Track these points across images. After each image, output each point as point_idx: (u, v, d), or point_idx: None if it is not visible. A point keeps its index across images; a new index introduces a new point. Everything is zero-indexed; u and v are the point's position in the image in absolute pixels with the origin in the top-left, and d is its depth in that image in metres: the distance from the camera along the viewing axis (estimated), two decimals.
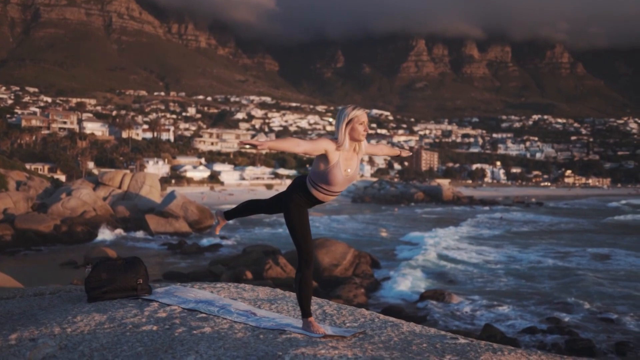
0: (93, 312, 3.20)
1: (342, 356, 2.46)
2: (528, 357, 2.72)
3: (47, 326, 2.91)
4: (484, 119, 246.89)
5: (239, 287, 4.11)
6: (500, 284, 21.86)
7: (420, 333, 3.15)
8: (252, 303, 3.71)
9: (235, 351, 2.59)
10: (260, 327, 3.09)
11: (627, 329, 16.17)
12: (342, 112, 3.15)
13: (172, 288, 3.90)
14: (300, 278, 3.18)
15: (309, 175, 3.20)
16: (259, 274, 21.18)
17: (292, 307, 3.69)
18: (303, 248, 3.17)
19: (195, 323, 3.05)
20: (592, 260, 27.19)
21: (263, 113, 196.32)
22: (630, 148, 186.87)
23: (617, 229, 44.85)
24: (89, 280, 3.54)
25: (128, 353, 2.60)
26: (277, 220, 46.56)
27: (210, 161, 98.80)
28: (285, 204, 3.23)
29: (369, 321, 3.41)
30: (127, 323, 3.02)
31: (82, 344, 2.71)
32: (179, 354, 2.58)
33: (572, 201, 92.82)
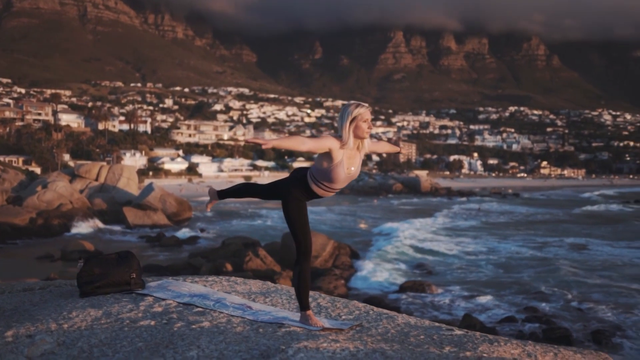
0: (88, 307, 3.17)
1: (344, 349, 2.48)
2: (524, 348, 2.75)
3: (42, 322, 2.89)
4: (462, 110, 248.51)
5: (230, 280, 4.09)
6: (478, 274, 22.08)
7: (416, 325, 3.17)
8: (246, 296, 3.69)
9: (237, 345, 2.59)
10: (258, 320, 3.08)
11: (603, 317, 16.42)
12: (345, 110, 3.12)
13: (165, 282, 3.87)
14: (299, 271, 3.18)
15: (311, 171, 3.17)
16: (239, 266, 21.13)
17: (287, 300, 3.68)
18: (302, 241, 3.17)
19: (193, 317, 3.04)
20: (570, 251, 27.57)
21: (241, 104, 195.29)
22: (605, 139, 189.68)
23: (591, 219, 45.50)
24: (82, 275, 3.49)
25: (128, 349, 2.58)
26: (255, 213, 46.48)
27: (188, 153, 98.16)
28: (284, 197, 3.22)
29: (364, 313, 3.41)
30: (124, 318, 3.00)
31: (81, 339, 2.69)
32: (181, 349, 2.57)
33: (547, 192, 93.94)
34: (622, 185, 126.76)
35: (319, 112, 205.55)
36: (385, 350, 2.49)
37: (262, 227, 37.35)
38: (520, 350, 2.72)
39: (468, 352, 2.57)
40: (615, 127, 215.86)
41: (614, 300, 17.80)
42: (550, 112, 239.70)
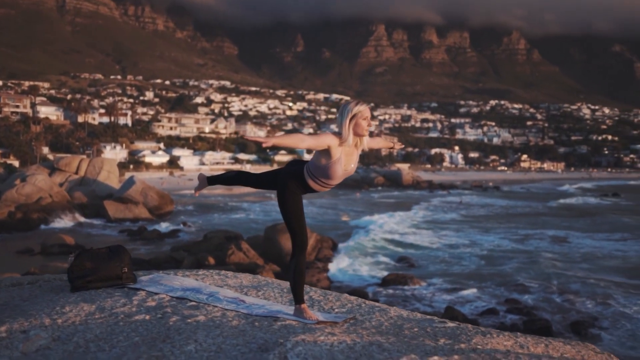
0: (81, 302, 3.16)
1: (341, 342, 2.49)
2: (515, 339, 2.79)
3: (36, 317, 2.87)
4: (443, 104, 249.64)
5: (221, 274, 4.08)
6: (460, 267, 22.25)
7: (408, 317, 3.18)
8: (238, 290, 3.69)
9: (235, 339, 2.59)
10: (252, 314, 3.08)
11: (582, 309, 16.63)
12: (345, 107, 3.10)
13: (156, 276, 3.85)
14: (295, 265, 3.18)
15: (308, 166, 3.17)
16: (221, 259, 21.08)
17: (279, 294, 3.68)
18: (298, 235, 3.17)
19: (188, 312, 3.03)
20: (551, 243, 27.88)
21: (222, 97, 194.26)
22: (584, 133, 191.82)
23: (571, 212, 46.02)
24: (72, 270, 3.46)
25: (125, 343, 2.57)
26: (237, 206, 46.38)
27: (169, 146, 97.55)
28: (280, 190, 3.21)
29: (357, 306, 3.42)
30: (118, 313, 2.99)
31: (76, 334, 2.68)
32: (178, 343, 2.56)
33: (527, 185, 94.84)
34: (600, 178, 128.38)
35: (301, 105, 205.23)
36: (382, 343, 2.51)
37: (244, 220, 37.27)
38: (513, 341, 2.75)
39: (462, 344, 2.59)
40: (594, 121, 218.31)
41: (593, 292, 18.05)
42: (531, 106, 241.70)
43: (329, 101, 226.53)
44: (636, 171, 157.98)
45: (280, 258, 21.58)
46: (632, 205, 54.95)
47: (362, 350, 2.41)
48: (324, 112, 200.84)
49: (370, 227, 31.86)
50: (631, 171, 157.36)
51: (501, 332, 2.85)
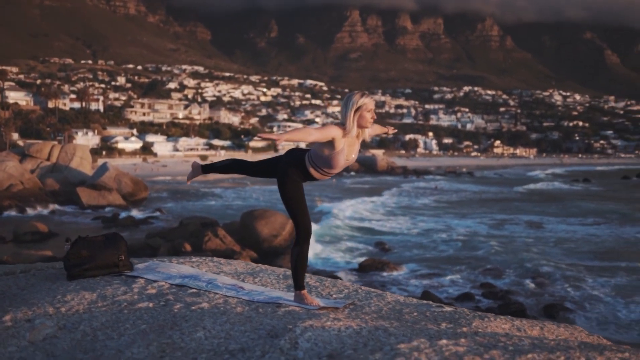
0: (81, 290, 3.13)
1: (348, 327, 2.51)
2: (512, 322, 2.84)
3: (39, 306, 2.85)
4: (417, 90, 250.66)
5: (214, 260, 4.07)
6: (436, 252, 22.45)
7: (405, 302, 3.22)
8: (235, 277, 3.69)
9: (242, 326, 2.59)
10: (254, 300, 3.09)
11: (555, 292, 16.90)
12: (349, 99, 3.11)
13: (152, 264, 3.83)
14: (298, 252, 3.20)
15: (310, 155, 3.18)
16: (198, 246, 20.98)
17: (276, 280, 3.68)
18: (301, 222, 3.19)
19: (190, 299, 3.03)
20: (526, 228, 28.26)
21: (196, 83, 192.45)
22: (555, 119, 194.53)
23: (543, 197, 46.67)
24: (69, 258, 3.42)
25: (132, 331, 2.56)
26: (210, 192, 46.14)
27: (143, 132, 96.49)
28: (281, 178, 3.22)
29: (353, 292, 3.45)
30: (120, 301, 2.98)
31: (82, 323, 2.66)
32: (187, 330, 2.56)
33: (500, 170, 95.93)
34: (571, 164, 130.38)
35: (275, 91, 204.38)
36: (387, 328, 2.53)
37: (218, 206, 37.11)
38: (510, 325, 2.81)
39: (464, 328, 2.64)
40: (565, 108, 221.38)
41: (565, 275, 18.34)
42: (503, 92, 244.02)
43: (303, 87, 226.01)
44: (606, 157, 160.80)
45: (257, 244, 21.56)
46: (603, 190, 55.92)
47: (369, 335, 2.44)
48: (298, 98, 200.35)
49: (344, 212, 31.94)
50: (601, 157, 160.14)
51: (498, 316, 2.91)
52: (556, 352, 2.09)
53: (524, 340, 2.30)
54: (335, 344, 2.32)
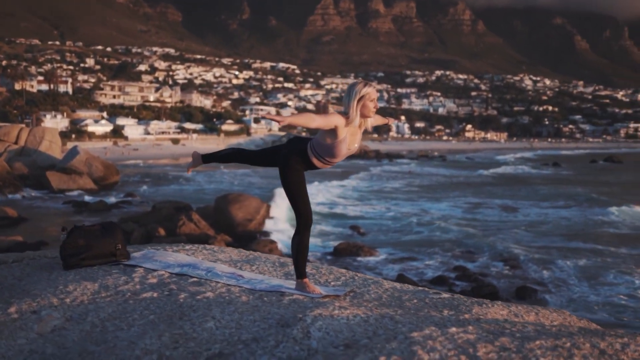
0: (82, 280, 3.11)
1: (355, 315, 2.53)
2: (509, 309, 2.90)
3: (42, 297, 2.82)
4: (389, 73, 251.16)
5: (207, 248, 4.05)
6: (410, 235, 22.62)
7: (402, 289, 3.25)
8: (232, 265, 3.67)
9: (251, 315, 2.60)
10: (256, 289, 3.10)
11: (526, 275, 17.16)
12: (352, 88, 3.12)
13: (148, 252, 3.80)
14: (299, 240, 3.23)
15: (312, 145, 3.19)
16: (172, 230, 20.82)
17: (272, 268, 3.69)
18: (302, 211, 3.21)
19: (193, 288, 3.02)
20: (500, 211, 28.63)
21: (167, 65, 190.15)
22: (525, 104, 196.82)
23: (514, 181, 47.29)
24: (65, 247, 3.37)
25: (141, 322, 2.55)
26: (181, 176, 45.75)
27: (113, 115, 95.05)
28: (283, 167, 3.23)
29: (350, 279, 3.47)
30: (124, 291, 2.96)
31: (89, 314, 2.65)
32: (197, 320, 2.56)
33: (472, 154, 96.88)
34: (541, 148, 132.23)
35: (247, 74, 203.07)
36: (393, 315, 2.56)
37: (191, 190, 36.85)
38: (507, 311, 2.86)
39: (466, 315, 2.68)
40: (535, 92, 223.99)
41: (537, 258, 18.62)
42: (475, 77, 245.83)
43: (276, 70, 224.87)
44: (574, 141, 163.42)
45: (231, 228, 21.48)
46: (572, 174, 56.88)
47: (377, 323, 2.46)
48: (270, 81, 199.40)
49: (316, 196, 31.96)
50: (569, 141, 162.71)
51: (494, 302, 2.96)
52: (561, 339, 2.14)
53: (527, 326, 2.34)
54: (347, 333, 2.35)
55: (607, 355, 2.05)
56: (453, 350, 2.01)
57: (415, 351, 1.99)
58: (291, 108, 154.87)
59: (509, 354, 1.99)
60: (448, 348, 2.03)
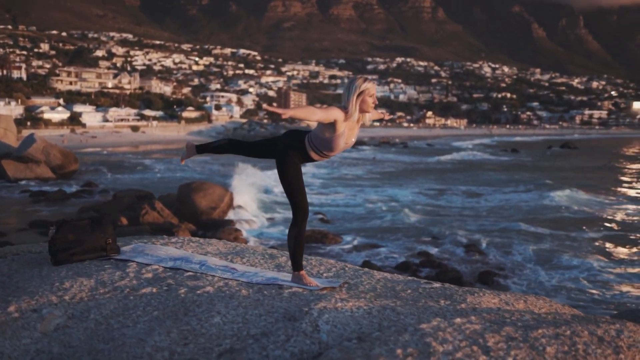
0: (77, 276, 3.05)
1: (358, 308, 2.56)
2: (500, 297, 2.95)
3: (40, 295, 2.76)
4: (350, 60, 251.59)
5: (193, 240, 4.02)
6: (374, 222, 22.75)
7: (393, 279, 3.29)
8: (222, 257, 3.65)
9: (255, 309, 2.60)
10: (252, 282, 3.11)
11: (487, 259, 17.44)
12: (352, 83, 3.17)
13: (138, 246, 3.75)
14: (296, 233, 3.26)
15: (310, 138, 3.22)
16: (134, 219, 20.48)
17: (263, 260, 3.67)
18: (299, 203, 3.23)
19: (192, 283, 3.01)
20: (464, 197, 29.02)
21: (125, 51, 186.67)
22: (484, 91, 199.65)
23: (475, 167, 47.99)
24: (55, 242, 3.30)
25: (145, 318, 2.53)
26: (141, 163, 45.16)
27: (70, 102, 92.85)
28: (281, 160, 3.26)
29: (341, 270, 3.49)
30: (121, 287, 2.92)
31: (91, 311, 2.61)
32: (203, 315, 2.54)
33: (433, 141, 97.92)
34: (499, 134, 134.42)
35: (207, 60, 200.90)
36: (394, 307, 2.60)
37: (152, 178, 36.34)
38: (498, 299, 2.92)
39: (463, 305, 2.72)
40: (494, 79, 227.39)
41: (498, 242, 18.95)
42: (435, 64, 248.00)
43: (236, 56, 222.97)
44: (532, 128, 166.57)
45: (195, 216, 21.26)
46: (531, 160, 58.03)
47: (380, 315, 2.49)
48: (231, 68, 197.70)
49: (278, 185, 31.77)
50: (527, 128, 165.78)
51: (484, 291, 3.01)
52: (561, 327, 2.20)
53: (525, 315, 2.40)
54: (353, 325, 2.37)
55: (606, 342, 2.11)
56: (464, 341, 2.05)
57: (429, 343, 2.02)
58: (252, 95, 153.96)
59: (517, 344, 2.04)
60: (459, 339, 2.06)
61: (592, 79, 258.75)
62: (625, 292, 13.81)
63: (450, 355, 1.93)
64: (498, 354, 1.95)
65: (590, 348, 2.04)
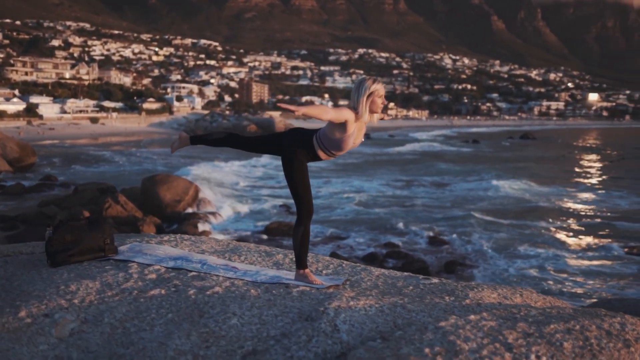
0: (80, 278, 2.99)
1: (370, 306, 2.57)
2: (498, 292, 3.00)
3: (49, 299, 2.69)
4: (312, 51, 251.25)
5: (184, 238, 3.97)
6: (340, 213, 22.82)
7: (391, 275, 3.32)
8: (220, 256, 3.61)
9: (269, 310, 2.59)
10: (257, 281, 3.10)
11: (452, 249, 17.69)
12: (361, 85, 3.20)
13: (134, 245, 3.68)
14: (302, 231, 3.26)
15: (319, 137, 3.24)
16: (97, 213, 20.10)
17: (261, 258, 3.65)
18: (305, 202, 3.27)
19: (198, 283, 2.98)
20: (429, 188, 29.32)
21: (82, 41, 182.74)
22: (445, 82, 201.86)
23: (437, 158, 48.50)
24: (52, 243, 3.23)
25: (161, 321, 2.49)
26: (100, 156, 44.38)
27: (26, 93, 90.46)
28: (289, 159, 3.27)
29: (339, 267, 3.50)
30: (128, 288, 2.87)
31: (104, 315, 2.56)
32: (219, 317, 2.52)
33: (394, 132, 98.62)
34: (460, 125, 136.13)
35: (168, 51, 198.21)
36: (403, 304, 2.62)
37: (113, 171, 35.71)
38: (496, 294, 2.96)
39: (467, 300, 2.75)
40: (455, 71, 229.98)
41: (459, 232, 19.22)
42: (397, 55, 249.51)
43: (197, 46, 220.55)
44: (492, 119, 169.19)
45: (159, 209, 21.00)
46: (492, 151, 59.00)
47: (392, 313, 2.51)
48: (192, 58, 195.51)
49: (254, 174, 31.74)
50: (487, 119, 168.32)
51: (482, 286, 3.04)
52: (570, 322, 2.24)
53: (531, 310, 2.44)
54: (370, 324, 2.39)
55: (614, 336, 2.16)
56: (485, 338, 2.07)
57: (454, 341, 2.04)
58: (214, 86, 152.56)
59: (535, 339, 2.07)
60: (480, 336, 2.08)
61: (549, 70, 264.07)
62: (584, 281, 14.15)
63: (476, 352, 1.96)
64: (520, 351, 1.99)
65: (602, 342, 2.09)
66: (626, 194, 27.86)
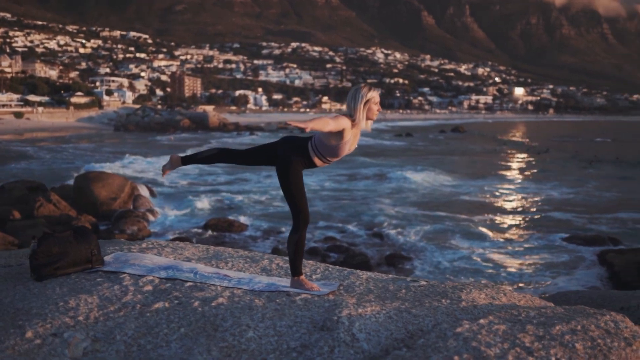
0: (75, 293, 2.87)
1: (378, 312, 2.58)
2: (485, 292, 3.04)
3: (51, 317, 2.57)
4: (245, 45, 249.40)
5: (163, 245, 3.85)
6: (278, 208, 22.74)
7: (379, 278, 3.35)
8: (208, 263, 3.53)
9: (280, 320, 2.56)
10: (255, 290, 3.08)
11: (391, 242, 17.91)
12: (357, 92, 3.25)
13: (119, 255, 3.56)
14: (297, 239, 3.29)
15: (314, 144, 3.27)
16: (28, 212, 19.29)
17: (248, 264, 3.60)
18: (301, 209, 3.27)
19: (199, 294, 2.91)
20: (373, 181, 29.58)
21: (3, 31, 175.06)
22: (378, 76, 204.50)
23: (374, 151, 49.03)
24: (37, 257, 3.10)
25: (175, 336, 2.42)
26: (24, 152, 42.72)
27: None
28: (285, 167, 3.26)
29: (326, 271, 3.50)
30: (129, 302, 2.78)
31: (114, 332, 2.46)
32: (235, 330, 2.47)
33: None
34: (393, 119, 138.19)
35: (95, 43, 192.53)
36: (408, 309, 2.63)
37: (40, 168, 34.40)
38: (484, 294, 3.00)
39: (463, 303, 2.78)
40: (387, 65, 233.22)
41: (395, 224, 19.50)
42: (330, 49, 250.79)
43: (127, 39, 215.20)
44: (423, 112, 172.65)
45: (94, 208, 20.37)
46: (426, 144, 60.23)
47: (400, 319, 2.52)
48: (121, 51, 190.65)
49: (191, 169, 31.17)
50: (419, 112, 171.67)
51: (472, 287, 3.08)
52: (570, 322, 2.29)
53: (530, 312, 2.49)
54: (384, 331, 2.39)
55: (614, 335, 2.22)
56: (504, 343, 2.10)
57: (478, 347, 2.05)
58: (144, 79, 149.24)
59: (548, 342, 2.11)
60: (498, 341, 2.11)
61: (478, 65, 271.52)
62: (518, 271, 14.56)
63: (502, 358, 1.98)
64: (540, 354, 2.02)
65: (607, 342, 2.14)
66: (557, 185, 28.95)
